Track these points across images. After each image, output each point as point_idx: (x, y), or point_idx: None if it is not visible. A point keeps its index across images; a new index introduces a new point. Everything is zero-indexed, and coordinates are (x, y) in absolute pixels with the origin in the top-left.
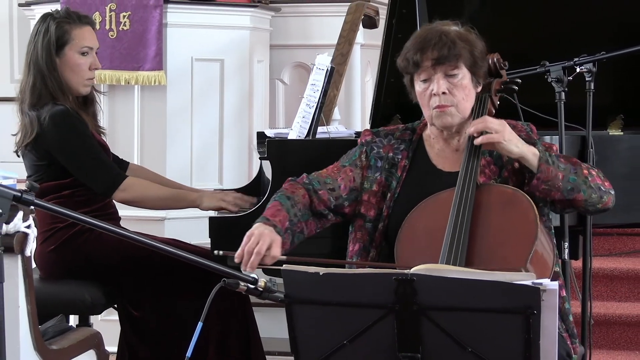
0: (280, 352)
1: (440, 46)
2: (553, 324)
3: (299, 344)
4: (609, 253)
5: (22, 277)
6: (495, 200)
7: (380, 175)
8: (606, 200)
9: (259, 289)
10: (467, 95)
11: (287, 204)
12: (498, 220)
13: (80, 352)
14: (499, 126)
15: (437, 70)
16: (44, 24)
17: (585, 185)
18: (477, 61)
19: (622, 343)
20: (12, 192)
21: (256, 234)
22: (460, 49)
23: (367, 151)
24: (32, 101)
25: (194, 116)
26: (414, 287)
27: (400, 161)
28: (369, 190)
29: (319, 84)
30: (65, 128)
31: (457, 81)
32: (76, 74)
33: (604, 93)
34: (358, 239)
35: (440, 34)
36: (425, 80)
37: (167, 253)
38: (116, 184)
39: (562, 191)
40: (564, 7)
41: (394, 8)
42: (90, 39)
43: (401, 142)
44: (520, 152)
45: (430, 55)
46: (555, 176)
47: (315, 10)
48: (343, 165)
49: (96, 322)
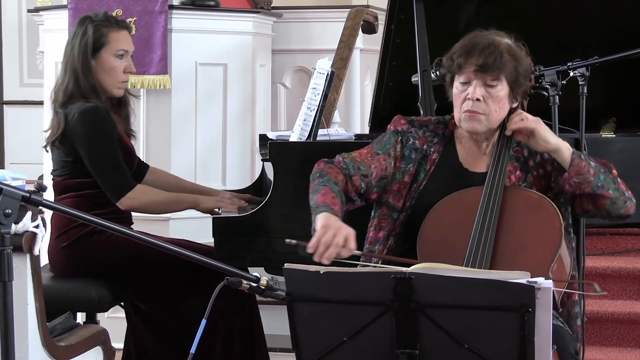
0: (282, 348)
1: (487, 54)
2: (547, 321)
3: (300, 341)
4: (602, 252)
5: (30, 276)
6: (522, 204)
7: (413, 167)
8: (629, 206)
9: (261, 287)
10: (500, 108)
11: (336, 190)
12: (523, 225)
13: (88, 349)
14: (534, 119)
15: (478, 76)
16: (82, 27)
17: (614, 185)
18: (519, 78)
19: (615, 340)
20: (21, 192)
21: (334, 226)
22: (506, 62)
23: (403, 141)
24: (64, 100)
25: (198, 119)
26: (412, 286)
27: (432, 154)
28: (399, 181)
29: (319, 87)
30: (92, 124)
31: (494, 92)
32: (111, 76)
33: (596, 96)
34: (383, 227)
35: (491, 42)
36: (464, 83)
37: (173, 252)
38: (125, 190)
39: (592, 186)
40: (558, 13)
41: (392, 14)
42: (126, 43)
43: (435, 135)
44: (556, 143)
45: (475, 61)
46: (588, 171)
47: (316, 16)
48: (377, 153)
49: (103, 320)
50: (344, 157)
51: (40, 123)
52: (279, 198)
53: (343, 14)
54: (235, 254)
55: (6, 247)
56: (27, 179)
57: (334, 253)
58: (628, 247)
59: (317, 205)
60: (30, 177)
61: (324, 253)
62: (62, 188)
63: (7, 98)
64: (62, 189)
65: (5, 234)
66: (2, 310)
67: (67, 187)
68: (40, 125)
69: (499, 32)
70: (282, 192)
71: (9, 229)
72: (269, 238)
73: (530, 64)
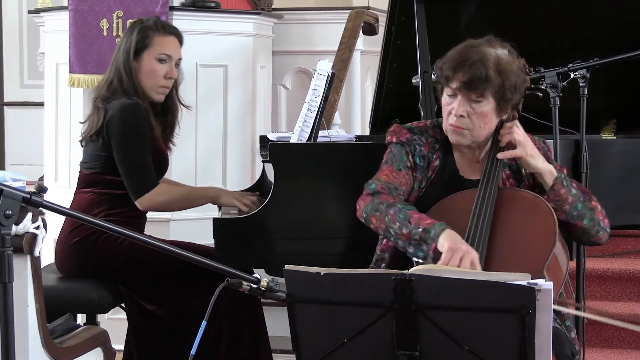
0: (282, 349)
1: (473, 71)
2: (548, 323)
3: (301, 342)
4: (602, 254)
5: (31, 277)
6: (516, 204)
7: (422, 175)
8: (601, 236)
9: (262, 288)
10: (485, 123)
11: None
12: (518, 224)
13: (88, 350)
14: (523, 139)
15: (463, 92)
16: (131, 29)
17: (590, 216)
18: (506, 93)
19: (615, 342)
20: (22, 194)
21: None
22: (492, 79)
23: (412, 151)
24: (107, 95)
25: (199, 120)
26: (412, 287)
27: (434, 161)
28: (415, 191)
29: (320, 89)
30: (130, 119)
31: (478, 108)
32: (150, 79)
33: (597, 98)
34: None
35: (480, 58)
36: (451, 95)
37: (174, 254)
38: (145, 190)
39: (567, 214)
40: (558, 14)
41: (393, 16)
42: (171, 48)
43: (435, 140)
44: (539, 168)
45: (461, 78)
46: (566, 199)
47: (316, 18)
48: (399, 169)
49: (103, 321)
50: (380, 182)
51: (41, 124)
52: (280, 199)
53: (344, 16)
54: (235, 255)
55: (6, 248)
56: (28, 180)
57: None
58: (628, 249)
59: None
60: (30, 178)
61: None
62: (87, 181)
63: (8, 99)
64: (86, 183)
65: (6, 235)
66: (3, 312)
67: (92, 181)
68: (41, 126)
69: (493, 42)
70: (282, 193)
71: (9, 230)
72: (270, 239)
73: (519, 77)
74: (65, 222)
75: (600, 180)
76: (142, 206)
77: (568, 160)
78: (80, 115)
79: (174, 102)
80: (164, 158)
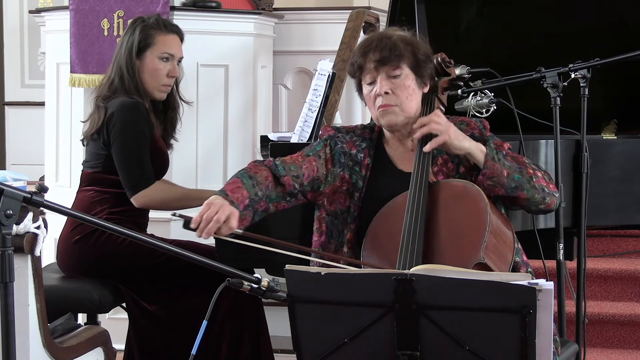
0: (283, 349)
1: (382, 47)
2: (548, 322)
3: (301, 342)
4: (603, 254)
5: (31, 277)
6: (447, 195)
7: (344, 172)
8: (549, 202)
9: (263, 288)
10: (410, 95)
11: (248, 183)
12: (451, 215)
13: (88, 350)
14: (443, 126)
15: (380, 71)
16: (132, 27)
17: (529, 184)
18: (419, 62)
19: (616, 342)
20: (23, 193)
21: (216, 203)
22: (402, 50)
23: (332, 145)
24: (108, 94)
25: (200, 120)
26: (413, 287)
27: (363, 159)
28: (331, 184)
29: (320, 89)
30: (129, 118)
31: (399, 81)
32: (153, 78)
33: (598, 98)
34: (323, 231)
35: (382, 37)
36: (370, 83)
37: (175, 254)
38: (141, 187)
39: (506, 188)
40: (558, 15)
41: (393, 16)
42: (173, 47)
43: (362, 140)
44: (466, 148)
45: (373, 57)
46: (501, 173)
47: (317, 18)
48: (307, 155)
49: (104, 321)
50: (274, 159)
51: (42, 124)
52: None
53: (344, 16)
54: (236, 255)
55: (7, 248)
56: (29, 180)
57: (214, 228)
58: (629, 249)
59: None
60: (31, 178)
61: (205, 228)
62: (90, 180)
63: (9, 99)
64: (89, 181)
65: (7, 235)
66: (3, 311)
67: (94, 179)
68: (42, 126)
69: (391, 28)
70: None
71: (10, 230)
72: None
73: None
74: (67, 221)
75: (601, 180)
76: (138, 203)
77: (569, 160)
78: (81, 114)
79: (175, 98)
80: (165, 158)
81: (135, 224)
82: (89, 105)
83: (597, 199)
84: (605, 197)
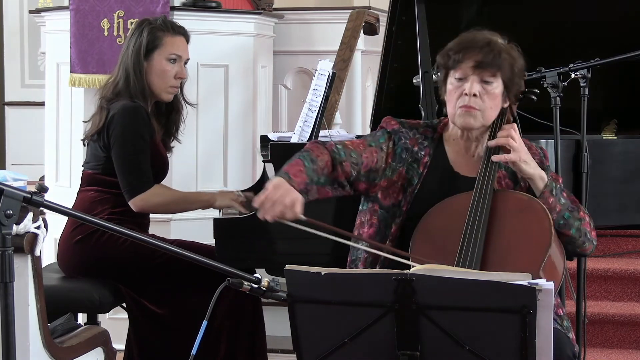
0: (283, 349)
1: (487, 52)
2: (548, 323)
3: (301, 342)
4: (603, 254)
5: (31, 277)
6: (512, 206)
7: (402, 167)
8: (587, 247)
9: (263, 288)
10: (495, 105)
11: (309, 167)
12: (513, 226)
13: (89, 350)
14: (518, 145)
15: (476, 73)
16: (139, 29)
17: (577, 225)
18: (514, 77)
19: (616, 342)
20: (23, 193)
21: (284, 187)
22: (504, 60)
23: (395, 139)
24: (111, 96)
25: (200, 120)
26: (413, 287)
27: (423, 157)
28: (388, 178)
29: (320, 89)
30: (129, 122)
31: (490, 89)
32: (161, 79)
33: (598, 98)
34: (373, 224)
35: (489, 41)
36: (460, 78)
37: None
38: (138, 191)
39: (555, 222)
40: (558, 15)
41: (394, 16)
42: (180, 49)
43: (424, 137)
44: (531, 174)
45: (474, 57)
46: (554, 208)
47: (317, 17)
48: (370, 145)
49: (104, 321)
50: (336, 143)
51: (42, 124)
52: None
53: (344, 16)
54: (236, 255)
55: (7, 248)
56: (29, 180)
57: (279, 211)
58: (629, 249)
59: (280, 171)
60: (31, 178)
61: (270, 209)
62: (90, 181)
63: (9, 99)
64: (89, 182)
65: (7, 235)
66: (3, 311)
67: (95, 180)
68: (42, 126)
69: (494, 33)
70: None
71: (10, 230)
72: (271, 239)
73: (523, 65)
74: (68, 221)
75: (601, 180)
76: (136, 207)
77: (569, 160)
78: (81, 115)
79: (179, 100)
80: (164, 162)
81: (137, 224)
82: (89, 105)
83: (597, 199)
84: (605, 197)
